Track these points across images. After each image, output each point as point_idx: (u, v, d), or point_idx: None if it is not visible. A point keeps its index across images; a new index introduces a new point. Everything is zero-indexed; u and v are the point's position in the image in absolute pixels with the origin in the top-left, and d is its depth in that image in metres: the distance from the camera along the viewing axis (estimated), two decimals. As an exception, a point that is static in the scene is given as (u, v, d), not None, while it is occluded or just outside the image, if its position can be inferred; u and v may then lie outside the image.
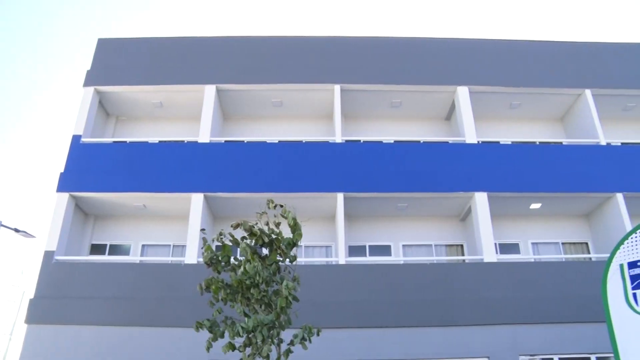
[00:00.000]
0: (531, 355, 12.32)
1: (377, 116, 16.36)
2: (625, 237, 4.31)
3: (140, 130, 15.96)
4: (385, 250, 14.66)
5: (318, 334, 6.17)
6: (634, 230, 4.32)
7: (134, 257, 14.20)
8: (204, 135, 14.27)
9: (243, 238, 6.50)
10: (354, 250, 14.46)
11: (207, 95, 14.76)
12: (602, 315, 7.13)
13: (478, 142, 14.71)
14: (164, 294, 12.22)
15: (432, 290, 12.50)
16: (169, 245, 14.47)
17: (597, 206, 14.92)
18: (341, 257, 12.90)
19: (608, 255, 13.91)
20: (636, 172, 14.69)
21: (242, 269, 6.11)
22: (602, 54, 16.68)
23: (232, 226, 6.31)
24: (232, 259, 6.51)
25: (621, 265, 4.35)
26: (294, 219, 6.23)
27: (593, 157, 14.85)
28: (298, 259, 13.66)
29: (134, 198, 13.84)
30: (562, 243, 15.22)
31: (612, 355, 6.19)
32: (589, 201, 14.75)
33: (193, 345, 11.21)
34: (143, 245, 14.50)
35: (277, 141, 14.88)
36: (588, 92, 15.72)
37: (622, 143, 15.81)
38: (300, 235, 6.29)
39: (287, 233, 6.46)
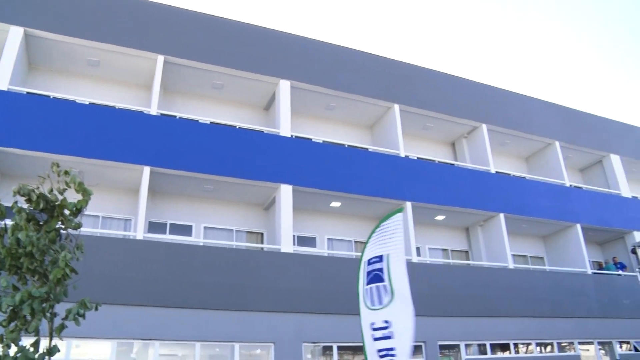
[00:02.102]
0: (314, 342, 13.09)
1: (198, 95, 16.10)
2: (370, 236, 4.76)
3: None
4: (186, 230, 14.51)
5: (96, 309, 5.76)
6: (374, 230, 4.78)
7: None
8: (2, 81, 12.77)
9: (15, 203, 5.80)
10: (154, 227, 14.08)
11: (11, 37, 13.12)
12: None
13: (292, 136, 15.19)
14: None
15: (227, 275, 12.64)
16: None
17: (388, 211, 16.24)
18: (140, 232, 12.45)
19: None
20: (423, 185, 16.36)
21: (13, 237, 5.41)
22: (412, 74, 18.27)
23: (13, 192, 5.62)
24: (-1, 223, 5.68)
25: (365, 263, 4.82)
26: (81, 184, 5.71)
27: (392, 166, 16.20)
28: (94, 230, 13.06)
29: None
30: (355, 241, 16.38)
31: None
32: (382, 206, 16.05)
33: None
34: None
35: (87, 102, 13.88)
36: (396, 107, 17.12)
37: (418, 157, 17.46)
38: (86, 201, 5.78)
39: (73, 199, 5.90)
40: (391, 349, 4.45)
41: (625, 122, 24.02)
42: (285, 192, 14.20)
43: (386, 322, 4.54)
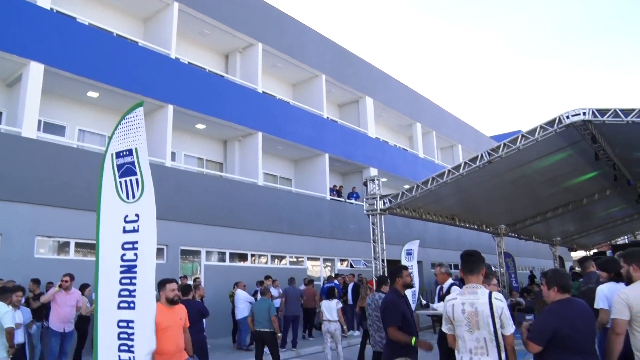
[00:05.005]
0: (49, 237, 12.36)
1: None
2: (115, 128, 4.67)
3: None
4: None
5: None
6: (119, 122, 4.70)
7: None
8: None
9: None
10: None
11: None
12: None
13: (52, 9, 13.57)
14: None
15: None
16: None
17: (148, 112, 15.69)
18: None
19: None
20: (189, 90, 16.14)
21: None
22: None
23: None
24: None
25: (112, 155, 4.74)
26: None
27: (159, 65, 15.59)
28: None
29: None
30: (108, 136, 15.58)
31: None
32: (146, 106, 15.40)
33: None
34: None
35: None
36: (176, 5, 16.32)
37: (188, 62, 17.05)
38: None
39: None
40: (135, 242, 4.52)
41: (383, 70, 26.40)
42: (35, 71, 12.66)
43: (137, 215, 4.58)
